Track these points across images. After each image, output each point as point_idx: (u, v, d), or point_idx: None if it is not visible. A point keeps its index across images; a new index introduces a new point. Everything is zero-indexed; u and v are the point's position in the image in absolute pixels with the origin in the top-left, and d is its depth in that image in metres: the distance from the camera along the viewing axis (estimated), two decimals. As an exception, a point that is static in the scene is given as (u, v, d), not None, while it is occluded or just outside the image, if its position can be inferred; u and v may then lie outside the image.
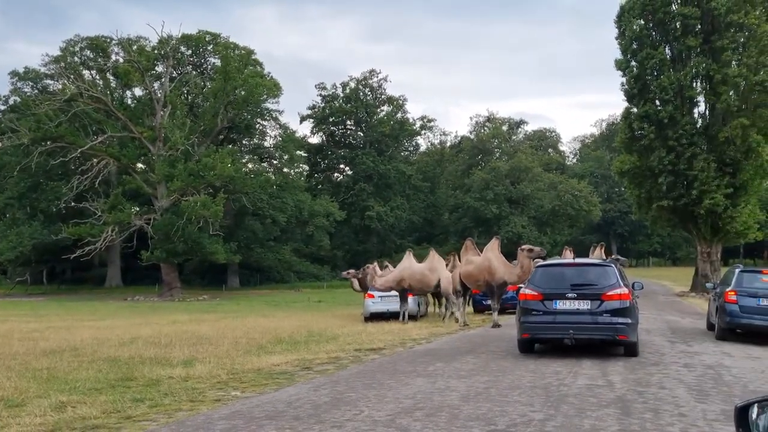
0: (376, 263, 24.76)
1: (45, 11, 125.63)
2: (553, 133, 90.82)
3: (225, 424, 6.65)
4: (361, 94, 70.88)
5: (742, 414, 2.75)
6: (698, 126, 34.36)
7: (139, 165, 53.45)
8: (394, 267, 22.64)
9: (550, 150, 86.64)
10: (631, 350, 11.76)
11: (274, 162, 64.60)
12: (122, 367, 11.06)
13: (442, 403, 7.64)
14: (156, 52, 55.00)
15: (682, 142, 32.88)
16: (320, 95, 71.73)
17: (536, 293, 11.69)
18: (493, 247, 18.85)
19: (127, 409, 7.52)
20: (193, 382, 9.48)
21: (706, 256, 35.36)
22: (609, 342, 11.71)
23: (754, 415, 2.71)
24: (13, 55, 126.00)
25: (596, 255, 23.13)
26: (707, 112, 34.85)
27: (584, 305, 11.39)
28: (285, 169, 63.38)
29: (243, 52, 56.59)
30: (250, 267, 61.23)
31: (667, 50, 34.78)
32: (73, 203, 49.04)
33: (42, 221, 53.40)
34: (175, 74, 56.62)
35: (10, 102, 60.03)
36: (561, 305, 11.49)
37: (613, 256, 24.08)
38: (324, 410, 7.25)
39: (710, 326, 16.53)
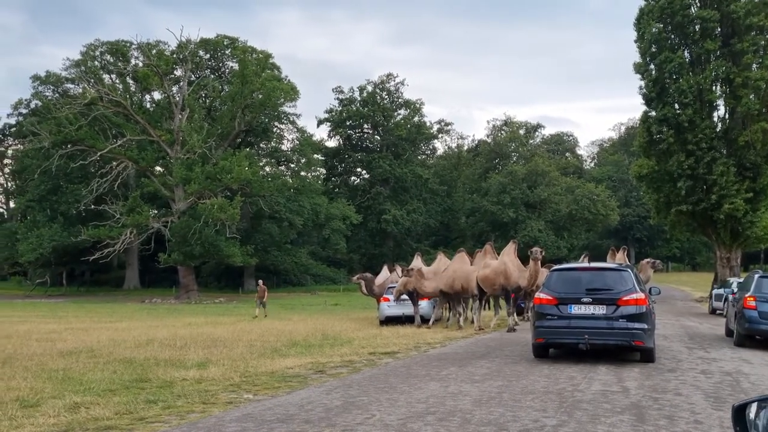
0: (386, 266, 24.76)
1: (74, 15, 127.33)
2: (571, 137, 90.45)
3: (236, 427, 6.66)
4: (378, 97, 70.94)
5: (739, 413, 2.71)
6: (718, 130, 33.97)
7: (158, 168, 53.92)
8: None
9: (567, 154, 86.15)
10: (647, 356, 11.62)
11: (292, 165, 64.81)
12: (137, 368, 11.14)
13: (455, 407, 7.59)
14: (175, 56, 55.48)
15: (701, 146, 32.54)
16: (337, 99, 71.97)
17: (551, 297, 11.59)
18: (509, 252, 18.84)
19: (140, 410, 7.56)
20: (206, 384, 9.51)
21: (725, 262, 34.95)
22: (625, 348, 11.58)
23: (752, 415, 2.67)
24: (42, 58, 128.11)
25: (618, 260, 22.88)
26: (727, 116, 34.45)
27: (600, 310, 11.27)
28: (302, 173, 63.53)
29: (260, 55, 56.85)
30: (266, 270, 61.42)
31: (686, 53, 34.43)
32: (92, 206, 49.60)
33: (62, 223, 53.98)
34: (193, 78, 57.11)
35: (32, 106, 60.88)
36: (576, 310, 11.38)
37: (648, 260, 23.88)
38: (335, 414, 7.23)
39: (729, 332, 16.32)
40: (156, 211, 54.26)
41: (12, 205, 74.09)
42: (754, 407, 2.68)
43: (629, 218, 76.44)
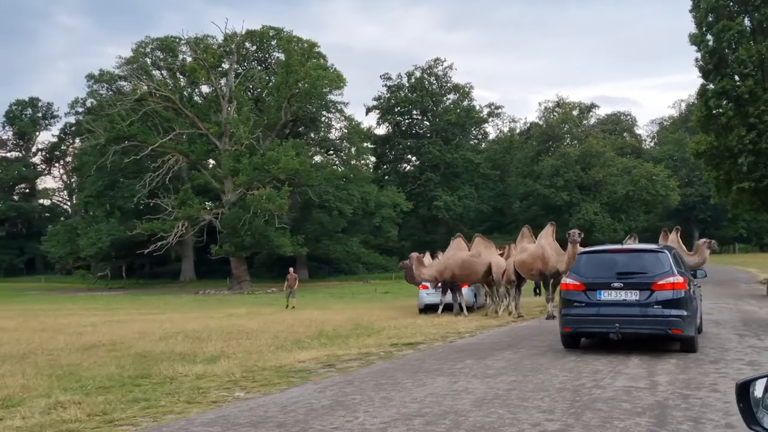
0: (428, 254, 24.15)
1: (132, 14, 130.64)
2: (629, 117, 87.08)
3: (202, 431, 6.15)
4: (426, 83, 69.90)
5: (743, 390, 2.55)
6: (783, 101, 31.76)
7: (211, 161, 54.55)
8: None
9: (625, 134, 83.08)
10: (687, 346, 10.57)
11: (341, 154, 64.53)
12: (146, 363, 10.86)
13: (450, 408, 6.88)
14: (221, 49, 55.80)
15: (764, 118, 30.47)
16: (385, 85, 71.23)
17: (578, 283, 10.68)
18: (547, 234, 17.89)
19: (117, 410, 7.14)
20: (205, 380, 9.10)
21: (793, 241, 32.83)
22: (661, 337, 10.59)
23: (757, 393, 2.52)
24: (103, 58, 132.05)
25: (671, 241, 21.58)
26: (793, 86, 32.18)
27: (632, 296, 10.31)
28: (352, 161, 63.16)
29: (305, 45, 56.60)
30: (318, 259, 61.51)
31: (747, 21, 32.29)
32: (147, 200, 50.55)
33: (119, 218, 55.26)
34: (240, 70, 57.33)
35: (87, 104, 62.50)
36: (606, 296, 10.45)
37: (704, 240, 22.62)
38: (316, 416, 6.64)
39: (789, 318, 15.01)
40: (210, 203, 54.89)
41: (74, 201, 76.60)
42: (759, 384, 2.53)
43: (692, 198, 73.15)
